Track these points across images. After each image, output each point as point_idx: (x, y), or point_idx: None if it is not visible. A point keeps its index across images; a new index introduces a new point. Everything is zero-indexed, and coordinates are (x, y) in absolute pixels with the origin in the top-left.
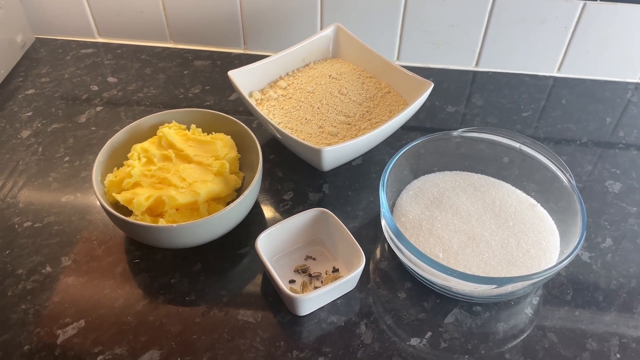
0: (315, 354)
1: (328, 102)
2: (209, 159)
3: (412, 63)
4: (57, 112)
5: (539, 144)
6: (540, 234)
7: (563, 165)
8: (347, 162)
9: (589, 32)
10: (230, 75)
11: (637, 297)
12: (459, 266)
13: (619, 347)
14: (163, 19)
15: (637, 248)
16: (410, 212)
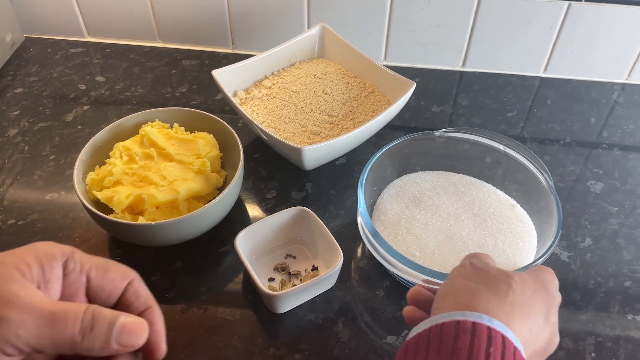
0: (292, 351)
1: (312, 102)
2: (190, 157)
3: (399, 63)
4: (44, 111)
5: (520, 144)
6: (518, 235)
7: (542, 166)
8: (331, 162)
9: (575, 32)
10: (215, 74)
11: (614, 297)
12: (434, 265)
13: (595, 346)
14: (152, 18)
15: (617, 248)
16: (390, 210)
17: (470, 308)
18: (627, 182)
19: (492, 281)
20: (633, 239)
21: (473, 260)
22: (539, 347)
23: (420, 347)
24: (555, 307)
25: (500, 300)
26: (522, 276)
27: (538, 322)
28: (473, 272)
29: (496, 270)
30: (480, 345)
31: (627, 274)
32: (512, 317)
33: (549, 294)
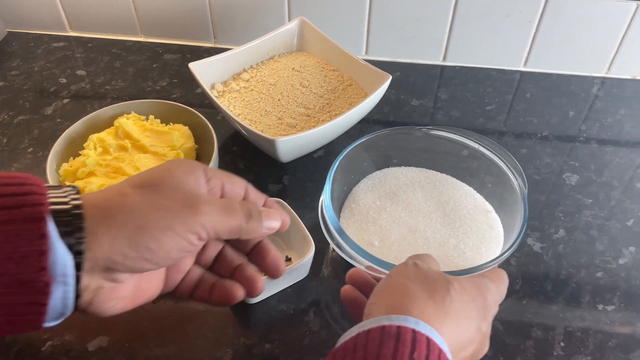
0: (262, 341)
1: (289, 94)
2: (164, 149)
3: (380, 57)
4: (24, 105)
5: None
6: (484, 240)
7: (519, 171)
8: (309, 154)
9: (554, 26)
10: (192, 67)
11: (585, 287)
12: (389, 256)
13: (564, 335)
14: (133, 12)
15: (590, 239)
16: (362, 200)
17: (403, 310)
18: (603, 175)
19: (431, 284)
20: (606, 230)
21: (417, 261)
22: (467, 355)
23: (347, 355)
24: (490, 318)
25: (436, 305)
26: (461, 283)
27: (469, 330)
28: (414, 272)
29: (437, 274)
30: (404, 350)
31: (599, 264)
32: (444, 323)
33: (485, 304)
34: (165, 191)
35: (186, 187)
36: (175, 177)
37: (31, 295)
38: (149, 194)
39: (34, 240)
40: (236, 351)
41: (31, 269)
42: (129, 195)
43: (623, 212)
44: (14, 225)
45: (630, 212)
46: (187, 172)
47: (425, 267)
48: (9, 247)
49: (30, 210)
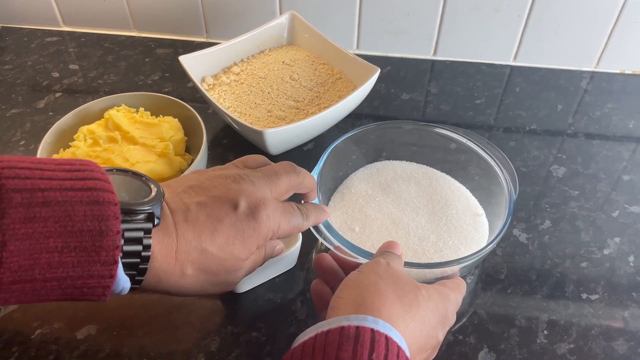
0: (249, 329)
1: (279, 87)
2: (154, 140)
3: (371, 52)
4: (17, 98)
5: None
6: (465, 241)
7: (508, 167)
8: (299, 147)
9: (543, 20)
10: (182, 60)
11: (570, 277)
12: (366, 243)
13: (547, 324)
14: (126, 7)
15: (575, 230)
16: (355, 187)
17: (372, 308)
18: (590, 167)
19: (401, 288)
20: (592, 221)
21: (389, 260)
22: (421, 359)
23: (305, 357)
24: (447, 327)
25: (403, 307)
26: (429, 291)
27: (429, 337)
28: (386, 272)
29: (407, 279)
30: (362, 352)
31: (584, 255)
32: (408, 325)
33: (446, 314)
34: (217, 283)
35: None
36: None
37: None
38: (203, 284)
39: (103, 279)
40: (223, 339)
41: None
42: (186, 278)
43: (609, 203)
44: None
45: (615, 203)
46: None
47: (398, 269)
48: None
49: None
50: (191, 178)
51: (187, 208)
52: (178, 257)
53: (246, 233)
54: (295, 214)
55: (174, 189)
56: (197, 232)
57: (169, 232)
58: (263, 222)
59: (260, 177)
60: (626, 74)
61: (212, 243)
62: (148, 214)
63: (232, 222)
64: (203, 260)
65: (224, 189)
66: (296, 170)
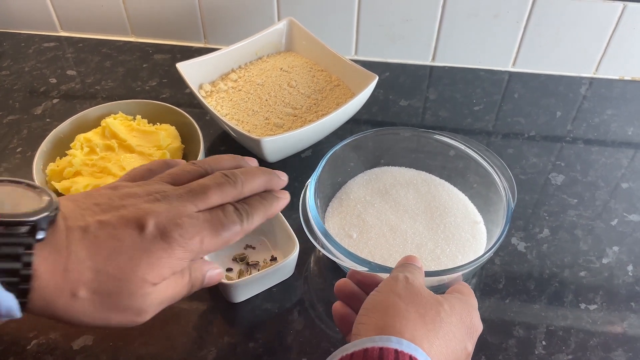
0: (246, 339)
1: (276, 95)
2: (151, 149)
3: (370, 58)
4: (14, 105)
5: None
6: (462, 249)
7: (511, 182)
8: (297, 154)
9: (542, 26)
10: (179, 67)
11: (568, 287)
12: (364, 250)
13: (546, 334)
14: (123, 12)
15: (574, 239)
16: (354, 193)
17: (394, 330)
18: (589, 175)
19: (422, 305)
20: (590, 230)
21: (407, 275)
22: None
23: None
24: (476, 337)
25: (426, 326)
26: (451, 303)
27: (457, 351)
28: (405, 289)
29: (428, 295)
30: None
31: (582, 264)
32: (433, 344)
33: (472, 324)
34: (118, 308)
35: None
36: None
37: None
38: (100, 309)
39: None
40: (220, 350)
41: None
42: (78, 301)
43: (607, 212)
44: None
45: (614, 212)
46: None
47: (417, 284)
48: None
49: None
50: (102, 194)
51: (87, 226)
52: (67, 277)
53: (154, 254)
54: (227, 222)
55: (80, 204)
56: (92, 251)
57: (59, 249)
58: (176, 242)
59: (181, 194)
60: (625, 80)
61: (109, 263)
62: (30, 227)
63: (135, 243)
64: (98, 281)
65: (132, 209)
66: (230, 181)
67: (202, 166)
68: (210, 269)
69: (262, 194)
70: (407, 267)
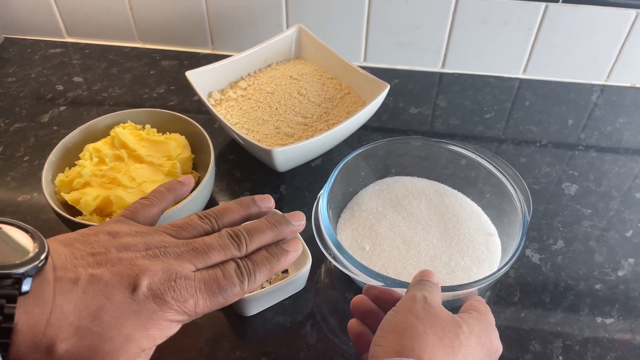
0: (258, 354)
1: (286, 103)
2: (160, 159)
3: (378, 64)
4: (20, 112)
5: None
6: (477, 261)
7: (526, 194)
8: (306, 163)
9: (553, 33)
10: (188, 75)
11: (584, 300)
12: (377, 263)
13: (562, 349)
14: (130, 18)
15: (588, 250)
16: (365, 203)
17: (412, 354)
18: (602, 184)
19: (441, 328)
20: (605, 241)
21: (426, 294)
22: None
23: None
24: (496, 358)
25: (444, 349)
26: (470, 325)
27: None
28: (424, 310)
29: (447, 316)
30: None
31: (597, 276)
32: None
33: (492, 346)
34: None
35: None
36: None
37: None
38: None
39: None
40: None
41: None
42: (52, 358)
43: (622, 222)
44: None
45: (629, 222)
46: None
47: (435, 305)
48: None
49: None
50: (99, 241)
51: (78, 278)
52: (47, 333)
53: (143, 315)
54: (225, 284)
55: (75, 252)
56: (78, 307)
57: (43, 302)
58: (167, 305)
59: (182, 252)
60: (637, 87)
61: (94, 321)
62: (15, 279)
63: (125, 303)
64: (77, 337)
65: (127, 265)
66: (235, 243)
67: (210, 221)
68: None
69: (269, 248)
70: (424, 286)
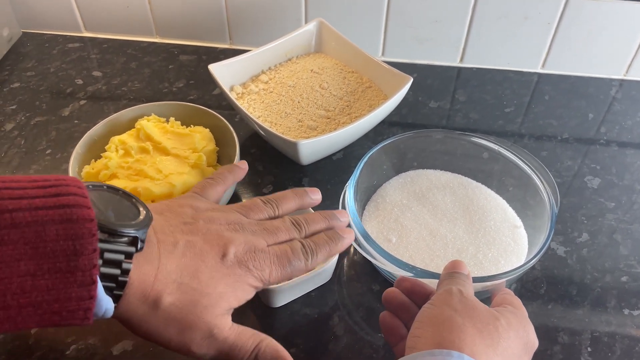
0: (287, 345)
1: (309, 97)
2: (186, 151)
3: (397, 59)
4: (41, 106)
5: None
6: (504, 253)
7: (553, 186)
8: (328, 157)
9: (572, 28)
10: (211, 68)
11: (610, 292)
12: (404, 254)
13: (591, 341)
14: (149, 13)
15: (613, 243)
16: (390, 196)
17: (453, 345)
18: (625, 178)
19: (479, 320)
20: (630, 234)
21: (460, 287)
22: None
23: None
24: (532, 353)
25: (484, 341)
26: (508, 318)
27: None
28: (461, 303)
29: (484, 309)
30: None
31: (623, 269)
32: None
33: (529, 340)
34: (187, 324)
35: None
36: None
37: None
38: (171, 324)
39: (82, 301)
40: None
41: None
42: (157, 311)
43: None
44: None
45: None
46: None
47: (471, 298)
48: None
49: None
50: (187, 214)
51: (176, 242)
52: (155, 287)
53: (232, 278)
54: (293, 258)
55: (169, 220)
56: (180, 266)
57: (151, 260)
58: (250, 271)
59: (256, 230)
60: None
61: (194, 279)
62: (132, 238)
63: (217, 265)
64: (180, 292)
65: (216, 235)
66: (297, 228)
67: (272, 205)
68: (282, 355)
69: (328, 233)
70: (456, 279)
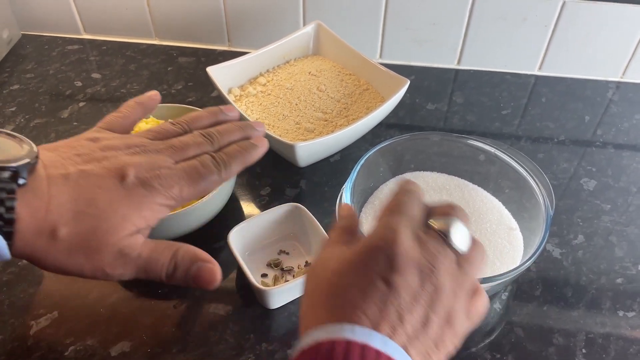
0: (284, 346)
1: (306, 99)
2: None
3: (394, 61)
4: (40, 108)
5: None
6: (500, 256)
7: (548, 189)
8: (325, 159)
9: (570, 30)
10: (209, 71)
11: (606, 294)
12: None
13: (585, 342)
14: (148, 15)
15: (609, 245)
16: (386, 198)
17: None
18: (621, 180)
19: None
20: (625, 236)
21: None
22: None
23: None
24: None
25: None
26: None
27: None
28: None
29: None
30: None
31: (618, 271)
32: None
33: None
34: (92, 249)
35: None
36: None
37: None
38: (75, 251)
39: None
40: (258, 357)
41: None
42: (56, 242)
43: None
44: None
45: None
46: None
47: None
48: None
49: None
50: (84, 145)
51: (68, 174)
52: (47, 218)
53: (134, 199)
54: (204, 171)
55: (61, 154)
56: (73, 196)
57: (39, 194)
58: (156, 190)
59: (162, 149)
60: None
61: (90, 206)
62: (12, 173)
63: (116, 189)
64: (77, 220)
65: (113, 161)
66: (208, 140)
67: (182, 126)
68: (205, 263)
69: (240, 143)
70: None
